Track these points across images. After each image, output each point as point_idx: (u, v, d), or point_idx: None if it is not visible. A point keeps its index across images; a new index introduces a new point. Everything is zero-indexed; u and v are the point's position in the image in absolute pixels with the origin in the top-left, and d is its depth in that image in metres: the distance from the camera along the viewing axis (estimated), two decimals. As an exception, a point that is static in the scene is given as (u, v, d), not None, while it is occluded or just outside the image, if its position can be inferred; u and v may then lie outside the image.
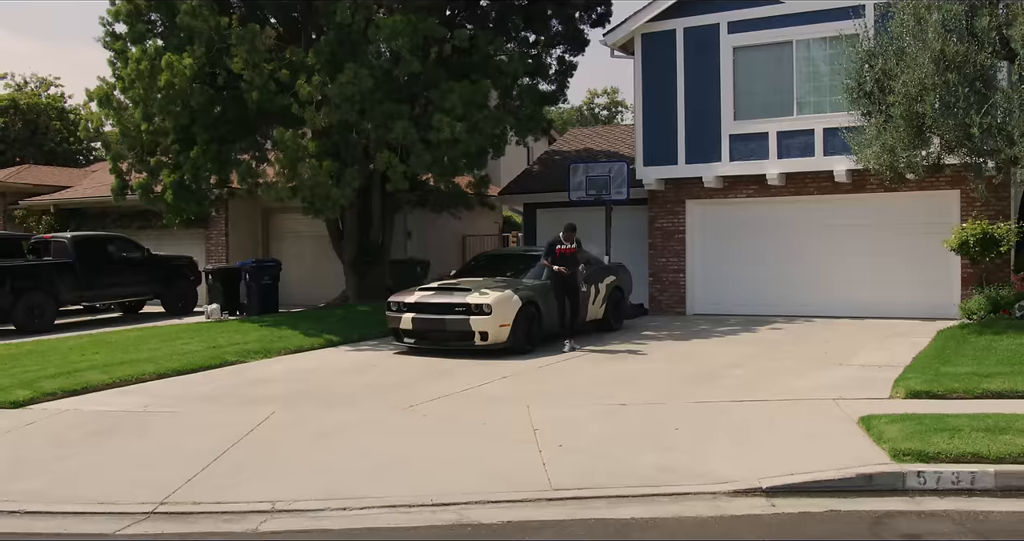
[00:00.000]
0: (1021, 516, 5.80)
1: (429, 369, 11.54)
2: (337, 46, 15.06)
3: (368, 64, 14.84)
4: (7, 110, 34.08)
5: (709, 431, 7.90)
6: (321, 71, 14.81)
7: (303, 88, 14.53)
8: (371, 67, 14.83)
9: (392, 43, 14.83)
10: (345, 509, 6.13)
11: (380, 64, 15.02)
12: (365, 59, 14.92)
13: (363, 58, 14.94)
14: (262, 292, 18.43)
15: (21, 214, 25.35)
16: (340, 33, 15.04)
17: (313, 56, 15.01)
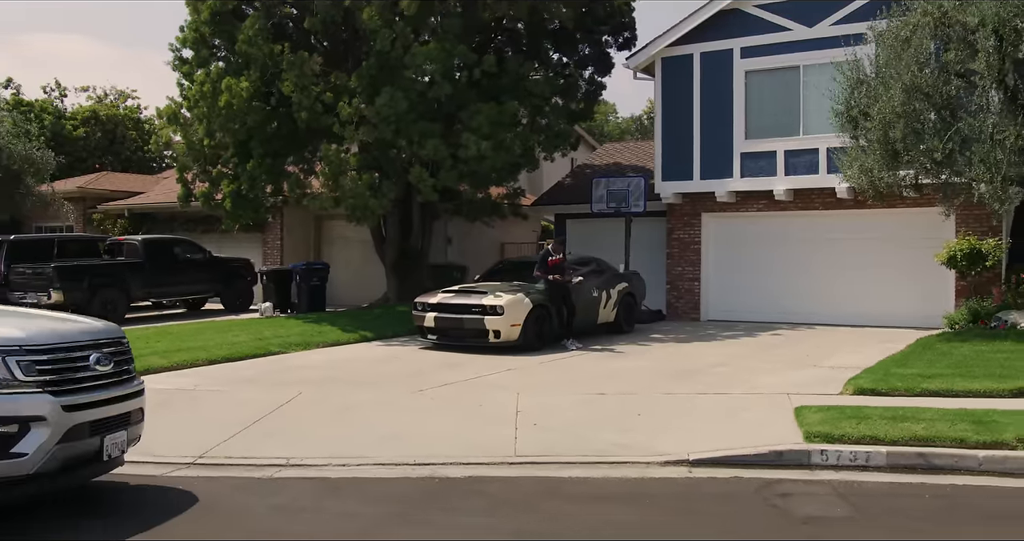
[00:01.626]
0: (890, 486, 6.96)
1: (445, 361, 13.01)
2: (377, 71, 16.65)
3: (404, 87, 16.38)
4: (88, 121, 36.72)
5: (667, 417, 9.19)
6: (361, 94, 16.42)
7: (344, 109, 16.17)
8: (406, 90, 16.37)
9: (426, 68, 16.34)
10: (344, 465, 7.58)
11: (415, 87, 16.54)
12: (401, 82, 16.46)
13: (400, 82, 16.49)
14: (311, 292, 20.13)
15: (99, 217, 27.59)
16: (380, 59, 16.63)
17: (355, 80, 16.63)
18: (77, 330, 6.27)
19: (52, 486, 5.78)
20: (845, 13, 16.30)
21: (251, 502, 6.52)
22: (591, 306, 15.61)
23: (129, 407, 6.31)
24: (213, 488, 6.83)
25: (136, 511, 6.30)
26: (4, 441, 5.33)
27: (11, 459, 5.35)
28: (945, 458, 7.50)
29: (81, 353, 5.95)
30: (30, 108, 35.77)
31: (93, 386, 5.95)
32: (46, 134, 30.88)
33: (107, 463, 6.18)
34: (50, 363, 5.69)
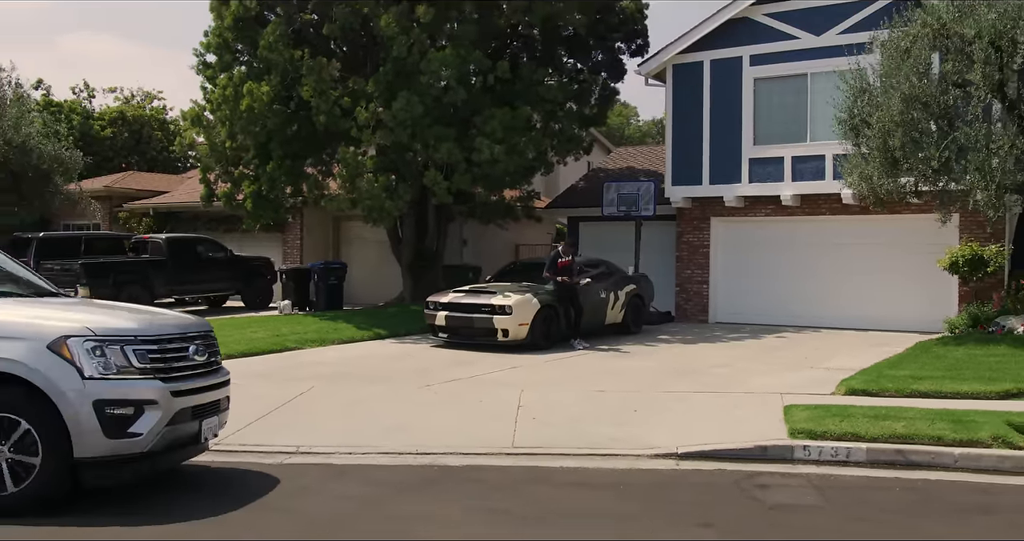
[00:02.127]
0: (865, 480, 7.31)
1: (454, 359, 13.45)
2: (394, 76, 17.13)
3: (420, 92, 16.85)
4: (115, 121, 37.55)
5: (663, 413, 9.57)
6: (378, 98, 16.90)
7: (361, 113, 16.66)
8: (422, 95, 16.83)
9: (442, 74, 16.79)
10: (350, 453, 8.03)
11: (431, 92, 16.99)
12: (417, 87, 16.92)
13: (416, 87, 16.95)
14: (328, 291, 20.65)
15: (125, 216, 28.28)
16: (397, 64, 17.11)
17: (372, 85, 17.12)
18: (176, 323, 6.85)
19: (160, 465, 6.38)
20: (852, 22, 16.60)
21: (260, 482, 6.98)
22: (599, 307, 16.00)
23: (219, 395, 6.90)
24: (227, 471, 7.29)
25: (210, 487, 6.77)
26: (122, 422, 5.89)
27: (128, 438, 5.92)
28: (922, 455, 7.84)
29: (182, 344, 6.52)
30: (59, 108, 36.62)
31: (192, 374, 6.52)
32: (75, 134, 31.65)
33: (201, 446, 6.79)
34: (159, 352, 6.25)
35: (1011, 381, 10.29)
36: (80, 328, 5.99)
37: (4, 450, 5.76)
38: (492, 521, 6.05)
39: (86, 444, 5.79)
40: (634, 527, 5.95)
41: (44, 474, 5.76)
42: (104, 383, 5.88)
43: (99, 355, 5.92)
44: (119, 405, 5.89)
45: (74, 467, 5.86)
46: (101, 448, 5.84)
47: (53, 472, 5.78)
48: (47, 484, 5.78)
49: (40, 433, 5.75)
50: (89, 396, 5.80)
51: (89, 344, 5.91)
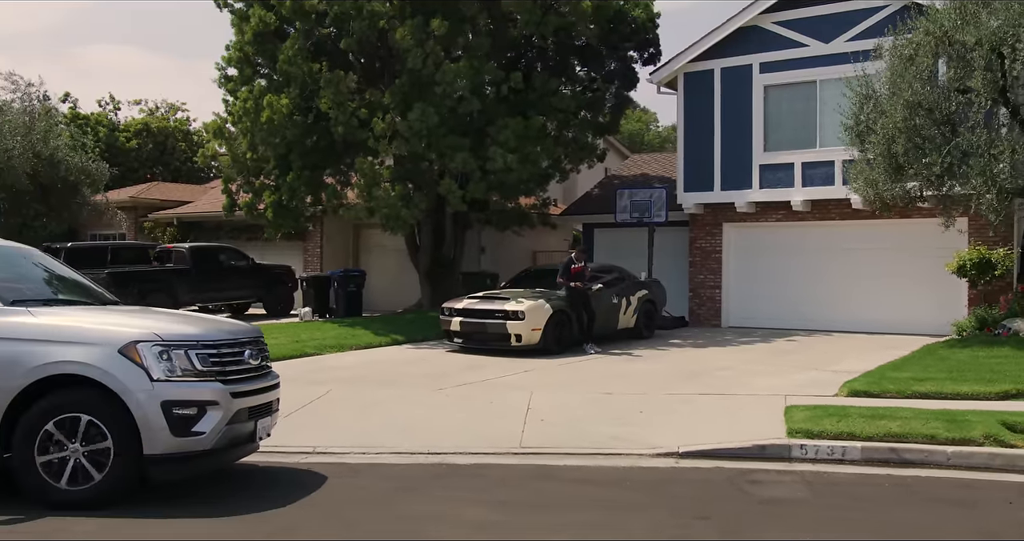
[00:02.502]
0: (857, 476, 7.58)
1: (468, 363, 13.80)
2: (409, 87, 17.54)
3: (435, 103, 17.24)
4: (140, 133, 38.31)
5: (667, 414, 9.87)
6: (395, 109, 17.32)
7: (378, 124, 17.08)
8: (437, 106, 17.22)
9: (456, 85, 17.17)
10: (364, 453, 8.39)
11: (445, 103, 17.38)
12: (433, 98, 17.32)
13: (431, 98, 17.35)
14: (348, 298, 21.09)
15: (149, 226, 28.90)
16: (412, 76, 17.51)
17: (389, 96, 17.54)
18: (232, 329, 7.30)
19: (221, 462, 6.83)
20: (859, 30, 16.84)
21: (280, 477, 7.35)
22: (611, 312, 16.30)
23: (271, 397, 7.31)
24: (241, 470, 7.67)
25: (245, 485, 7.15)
26: (187, 421, 6.30)
27: (192, 436, 6.33)
28: (915, 453, 8.09)
29: (238, 348, 6.93)
30: (86, 121, 37.42)
31: (247, 377, 6.94)
32: (101, 146, 32.37)
33: (256, 444, 7.20)
34: (219, 356, 6.66)
35: (1010, 382, 10.50)
36: (148, 334, 6.42)
37: (79, 447, 6.17)
38: (493, 509, 6.39)
39: (154, 442, 6.20)
40: (627, 515, 6.26)
41: (116, 469, 6.16)
42: (170, 385, 6.30)
43: (165, 359, 6.33)
44: (184, 405, 6.30)
45: (143, 463, 6.26)
46: (168, 445, 6.24)
47: (124, 468, 6.18)
48: (118, 479, 6.19)
49: (112, 431, 6.16)
50: (157, 397, 6.22)
51: (157, 348, 6.33)
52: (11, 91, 23.76)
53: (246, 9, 19.17)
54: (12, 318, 6.43)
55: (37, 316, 6.56)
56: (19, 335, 6.31)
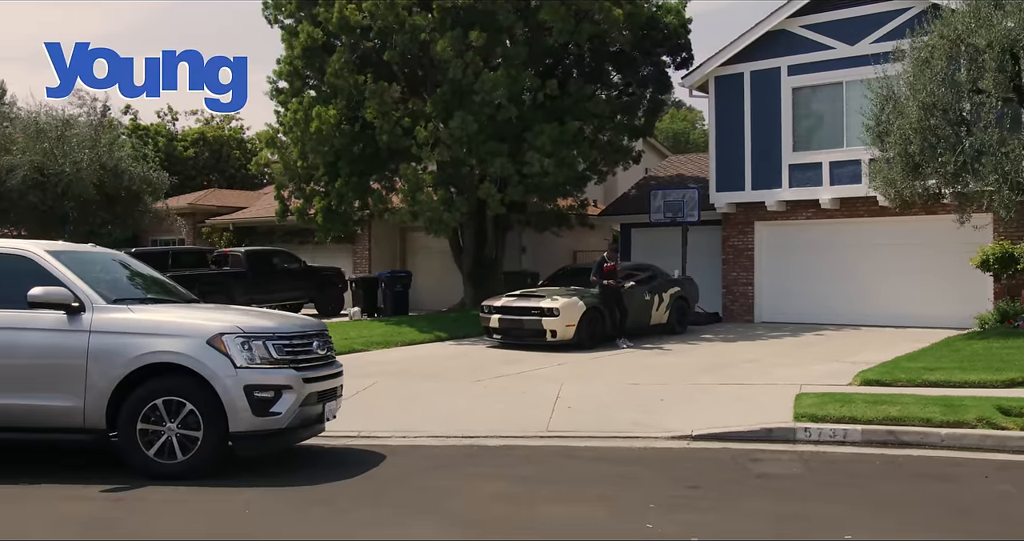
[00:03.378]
0: (854, 456, 8.23)
1: (505, 358, 14.64)
2: (450, 96, 18.44)
3: (474, 111, 18.10)
4: (197, 142, 39.92)
5: (686, 402, 10.59)
6: (436, 118, 18.24)
7: (420, 132, 18.01)
8: (477, 113, 18.09)
9: (494, 93, 18.02)
10: (404, 436, 9.26)
11: (484, 111, 18.24)
12: (472, 107, 18.18)
13: (470, 106, 18.22)
14: (395, 298, 22.08)
15: (207, 231, 30.26)
16: (453, 86, 18.41)
17: (430, 105, 18.46)
18: (301, 323, 8.32)
19: (295, 439, 7.81)
20: (884, 32, 17.32)
21: (326, 456, 8.27)
22: (644, 309, 17.02)
23: (336, 383, 8.27)
24: (302, 450, 8.60)
25: (306, 463, 8.09)
26: (265, 403, 7.25)
27: (271, 416, 7.27)
28: (912, 435, 8.72)
29: (307, 340, 7.90)
30: (146, 132, 39.06)
31: (316, 365, 7.89)
32: (160, 155, 33.78)
33: (323, 425, 8.12)
34: (291, 347, 7.63)
35: (1017, 371, 10.99)
36: (232, 326, 7.38)
37: (173, 427, 7.14)
38: (513, 483, 7.21)
39: (238, 421, 7.15)
40: (631, 485, 7.04)
41: (205, 445, 7.12)
42: (251, 371, 7.25)
43: (247, 349, 7.28)
44: (263, 389, 7.25)
45: (228, 440, 7.22)
46: (250, 424, 7.19)
47: (212, 444, 7.15)
48: (208, 453, 7.15)
49: (202, 412, 7.12)
50: (240, 382, 7.17)
51: (239, 340, 7.28)
52: (78, 106, 25.12)
53: (295, 25, 20.24)
54: (115, 314, 7.42)
55: (136, 312, 7.57)
56: (122, 329, 7.31)
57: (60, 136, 23.73)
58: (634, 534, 5.74)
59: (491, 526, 6.00)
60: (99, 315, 7.42)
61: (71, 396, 7.27)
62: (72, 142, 23.74)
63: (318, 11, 19.43)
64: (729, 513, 6.27)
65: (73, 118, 24.83)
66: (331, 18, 18.97)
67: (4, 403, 7.30)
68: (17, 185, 22.69)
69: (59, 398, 7.29)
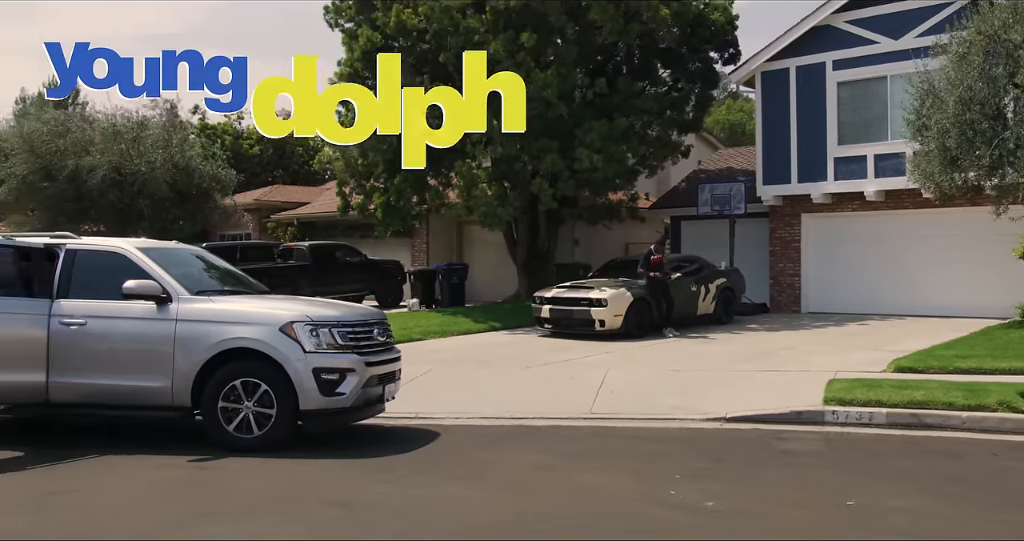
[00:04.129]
0: (875, 436, 8.79)
1: (555, 346, 15.37)
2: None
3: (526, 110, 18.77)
4: (261, 139, 41.24)
5: (724, 387, 11.21)
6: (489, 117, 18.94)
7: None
8: (528, 112, 18.75)
9: (545, 92, 18.69)
10: (457, 417, 10.06)
11: (536, 109, 18.90)
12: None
13: (522, 105, 18.90)
14: (452, 289, 22.95)
15: (272, 226, 31.51)
16: (505, 86, 19.11)
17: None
18: (361, 312, 9.25)
19: (357, 418, 8.70)
20: (927, 26, 17.58)
21: (387, 433, 9.11)
22: (690, 299, 17.59)
23: (395, 367, 9.13)
24: (365, 429, 9.46)
25: (368, 439, 8.97)
26: (331, 384, 8.09)
27: (336, 397, 8.12)
28: (934, 417, 9.25)
29: (368, 327, 8.78)
30: (213, 131, 40.56)
31: (376, 350, 8.75)
32: (227, 153, 35.17)
33: (383, 405, 8.97)
34: (354, 333, 8.49)
35: (1047, 358, 11.40)
36: (302, 315, 8.26)
37: (250, 405, 8.04)
38: (554, 456, 7.96)
39: (307, 400, 8.02)
40: (662, 459, 7.74)
41: (278, 422, 8.01)
42: (319, 355, 8.10)
43: (314, 335, 8.13)
44: (330, 372, 8.10)
45: (298, 418, 8.08)
46: (318, 403, 8.06)
47: (284, 420, 8.04)
48: (280, 429, 8.03)
49: (275, 392, 8.00)
50: (309, 365, 8.02)
51: (308, 327, 8.14)
52: (151, 108, 26.49)
53: (355, 29, 21.16)
54: (197, 305, 8.35)
55: (216, 303, 8.50)
56: (204, 318, 8.23)
57: (136, 137, 25.13)
58: (657, 498, 6.44)
59: (529, 489, 6.77)
60: (184, 305, 8.35)
61: (161, 377, 8.21)
62: (147, 143, 25.11)
63: (377, 15, 20.31)
64: (747, 481, 6.93)
65: (147, 120, 26.20)
66: (389, 22, 19.82)
67: (104, 383, 8.28)
68: (97, 184, 24.11)
69: (150, 379, 8.24)
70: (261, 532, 5.71)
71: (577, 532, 5.72)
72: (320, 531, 5.74)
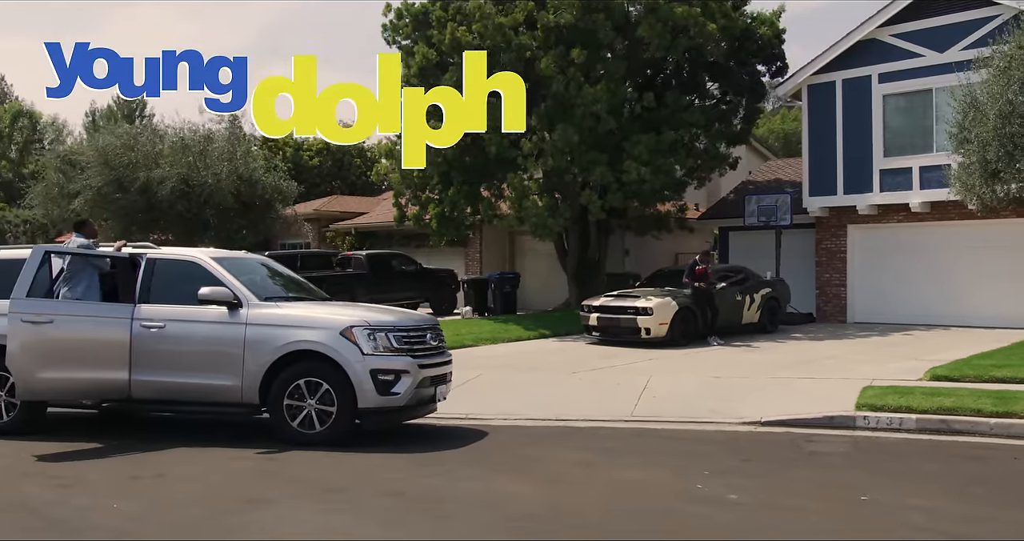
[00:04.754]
0: (903, 440, 9.16)
1: (602, 353, 15.91)
2: (553, 110, 19.80)
3: (575, 123, 19.40)
4: (321, 151, 42.54)
5: (762, 393, 11.64)
6: (540, 130, 19.63)
7: (526, 144, 19.44)
8: (578, 126, 19.38)
9: (594, 107, 19.28)
10: (505, 418, 10.66)
11: (585, 123, 19.52)
12: (573, 119, 19.48)
13: (572, 118, 19.52)
14: (504, 298, 23.60)
15: (331, 235, 32.54)
16: (555, 100, 19.76)
17: (535, 118, 19.87)
18: (415, 318, 10.00)
19: (411, 416, 9.39)
20: (972, 40, 17.76)
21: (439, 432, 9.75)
22: (735, 309, 17.98)
23: (446, 370, 9.81)
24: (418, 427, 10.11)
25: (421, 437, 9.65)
26: (387, 384, 8.79)
27: (392, 396, 8.81)
28: (963, 424, 9.58)
29: (421, 332, 9.48)
30: (274, 142, 41.88)
31: (429, 354, 9.44)
32: (288, 165, 36.35)
33: (435, 405, 9.64)
34: (408, 338, 9.19)
35: (1081, 368, 11.62)
36: (360, 320, 8.97)
37: (313, 402, 8.77)
38: (594, 453, 8.52)
39: (365, 399, 8.71)
40: (696, 458, 8.25)
41: (339, 418, 8.71)
42: (376, 358, 8.78)
43: (372, 339, 8.83)
44: (385, 373, 8.79)
45: (357, 416, 8.76)
46: (374, 402, 8.74)
47: (344, 417, 8.73)
48: (340, 425, 8.73)
49: (336, 391, 8.70)
50: (367, 366, 8.71)
51: (366, 331, 8.84)
52: (217, 122, 27.70)
53: (412, 45, 21.98)
54: (265, 310, 9.11)
55: (282, 308, 9.26)
56: (272, 322, 8.98)
57: (202, 150, 26.30)
58: (684, 490, 6.97)
59: (568, 482, 7.36)
60: (253, 310, 9.10)
61: (231, 376, 8.97)
62: (213, 156, 26.28)
63: (432, 33, 21.10)
64: (772, 478, 7.43)
65: (213, 133, 27.40)
66: (444, 39, 20.57)
67: (180, 381, 9.07)
68: (166, 195, 25.31)
69: (222, 378, 9.00)
70: (321, 514, 6.38)
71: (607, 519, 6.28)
72: (373, 516, 6.39)
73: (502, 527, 6.07)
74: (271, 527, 6.03)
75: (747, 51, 21.63)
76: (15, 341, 8.89)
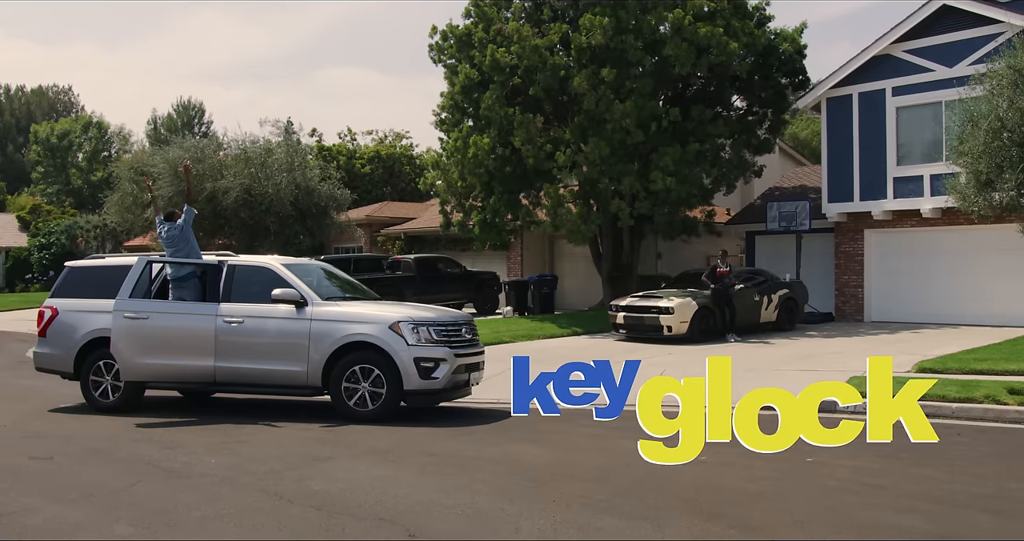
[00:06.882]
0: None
1: (626, 348, 17.44)
2: (586, 124, 21.38)
3: (606, 137, 20.97)
4: (372, 159, 44.66)
5: (756, 382, 13.04)
6: (573, 143, 21.22)
7: (560, 157, 21.05)
8: (608, 139, 20.94)
9: (624, 121, 20.81)
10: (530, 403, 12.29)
11: (615, 137, 21.06)
12: (604, 134, 21.05)
13: (603, 133, 21.09)
14: (542, 299, 25.23)
15: (382, 240, 34.46)
16: (587, 115, 21.34)
17: (569, 133, 21.47)
18: (453, 315, 11.65)
19: (449, 398, 11.13)
20: (978, 55, 18.94)
21: (473, 412, 11.41)
22: (753, 308, 19.38)
23: (479, 359, 11.55)
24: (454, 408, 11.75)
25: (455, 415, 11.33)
26: (428, 370, 10.51)
27: (432, 380, 10.53)
28: (928, 408, 10.75)
29: (458, 327, 11.19)
30: (329, 152, 44.07)
31: (464, 345, 11.14)
32: (341, 173, 38.42)
33: (468, 389, 11.36)
34: (446, 331, 10.90)
35: (1053, 361, 12.87)
36: (406, 317, 10.70)
37: (366, 385, 10.52)
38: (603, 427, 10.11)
39: (410, 382, 10.43)
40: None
41: (387, 399, 10.45)
42: (419, 348, 10.50)
43: (415, 332, 10.54)
44: (427, 361, 10.51)
45: (402, 397, 10.45)
46: (417, 385, 10.47)
47: (392, 398, 10.47)
48: (389, 404, 10.47)
49: (385, 376, 10.43)
50: (411, 354, 10.44)
51: (410, 325, 10.57)
52: (276, 135, 29.76)
53: (456, 64, 23.72)
54: (327, 308, 10.87)
55: (340, 306, 11.01)
56: (332, 318, 10.73)
57: (263, 162, 28.33)
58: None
59: (575, 448, 8.97)
60: (316, 308, 10.85)
61: (299, 363, 10.73)
62: (273, 167, 28.30)
63: (474, 54, 22.82)
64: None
65: (272, 145, 29.44)
66: (485, 60, 22.26)
67: (256, 367, 10.86)
68: (230, 204, 27.38)
69: (291, 365, 10.76)
70: (372, 466, 8.08)
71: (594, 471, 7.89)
72: (412, 468, 8.07)
73: (510, 474, 7.72)
74: (333, 475, 7.74)
75: (770, 66, 22.97)
76: (118, 333, 10.79)
